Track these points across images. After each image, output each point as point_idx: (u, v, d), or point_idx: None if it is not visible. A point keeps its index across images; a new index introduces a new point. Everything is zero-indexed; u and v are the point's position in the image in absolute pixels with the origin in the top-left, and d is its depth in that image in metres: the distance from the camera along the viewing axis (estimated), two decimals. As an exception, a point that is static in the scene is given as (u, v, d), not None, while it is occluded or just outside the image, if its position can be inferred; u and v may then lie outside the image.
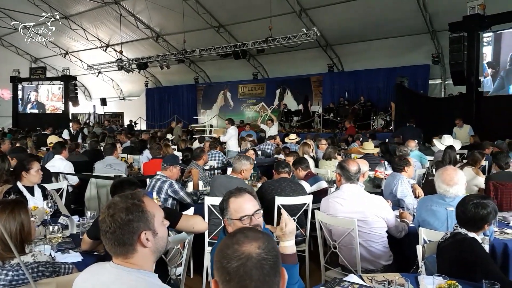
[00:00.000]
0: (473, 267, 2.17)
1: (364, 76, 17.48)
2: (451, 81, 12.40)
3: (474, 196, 2.42)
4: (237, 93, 21.89)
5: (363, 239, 3.03)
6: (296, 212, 3.90)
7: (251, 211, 2.05)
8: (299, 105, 19.32)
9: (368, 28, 14.99)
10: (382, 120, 15.55)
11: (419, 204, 3.24)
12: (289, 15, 15.29)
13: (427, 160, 6.97)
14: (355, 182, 3.20)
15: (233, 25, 17.49)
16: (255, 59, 19.97)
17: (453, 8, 11.57)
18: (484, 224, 2.32)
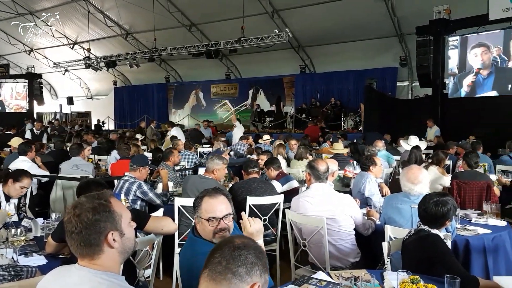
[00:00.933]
0: (435, 263, 2.27)
1: (335, 78, 17.80)
2: (418, 83, 12.81)
3: (434, 194, 2.53)
4: (209, 93, 21.77)
5: (331, 237, 3.10)
6: (267, 211, 3.94)
7: (221, 214, 2.04)
8: (271, 105, 19.40)
9: (339, 31, 15.26)
10: (352, 121, 15.86)
11: (385, 202, 3.35)
12: (261, 16, 15.37)
13: (394, 160, 7.18)
14: (324, 181, 3.27)
15: (205, 24, 17.42)
16: (227, 59, 19.94)
17: (420, 13, 11.93)
18: (445, 221, 2.42)
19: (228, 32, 15.42)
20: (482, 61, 10.83)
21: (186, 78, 22.59)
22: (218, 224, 2.03)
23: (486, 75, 10.79)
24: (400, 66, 15.84)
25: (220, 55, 17.85)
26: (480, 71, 10.89)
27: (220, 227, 2.03)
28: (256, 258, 1.30)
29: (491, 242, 3.13)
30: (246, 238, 1.40)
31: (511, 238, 3.29)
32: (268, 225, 3.93)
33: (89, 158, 7.38)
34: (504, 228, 3.33)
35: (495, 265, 3.12)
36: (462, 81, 11.26)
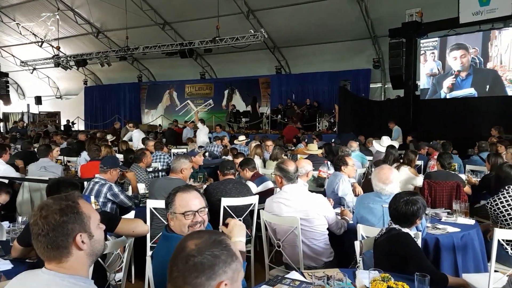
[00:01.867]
0: (406, 261, 2.34)
1: (310, 79, 18.02)
2: (390, 85, 13.11)
3: (404, 193, 2.61)
4: (183, 93, 21.61)
5: (305, 237, 3.14)
6: (242, 213, 3.95)
7: (196, 207, 2.09)
8: (247, 106, 19.45)
9: (314, 32, 15.46)
10: (327, 122, 16.08)
11: (357, 202, 3.42)
12: (237, 16, 15.40)
13: (367, 160, 7.33)
14: (296, 182, 3.31)
15: (179, 23, 17.29)
16: (202, 58, 19.87)
17: (393, 15, 12.24)
18: (415, 219, 2.50)
19: (203, 32, 15.36)
20: (461, 64, 11.15)
21: (160, 78, 22.37)
22: (193, 217, 2.07)
23: (464, 77, 11.13)
24: (373, 68, 16.19)
25: (195, 54, 17.76)
26: (460, 73, 11.20)
27: (196, 220, 2.08)
28: (213, 257, 1.24)
29: (460, 240, 3.24)
30: (200, 238, 1.30)
31: (479, 236, 3.42)
32: (243, 226, 3.93)
33: (58, 159, 7.21)
34: (472, 227, 3.46)
35: (464, 263, 3.23)
36: (442, 83, 11.56)
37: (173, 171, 4.12)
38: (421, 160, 6.77)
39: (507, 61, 10.48)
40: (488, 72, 10.69)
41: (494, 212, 3.53)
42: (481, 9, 10.13)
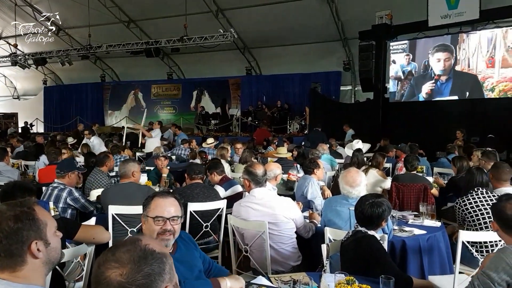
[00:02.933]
0: (371, 263, 2.41)
1: (281, 81, 18.22)
2: (360, 87, 13.42)
3: (369, 196, 2.69)
4: (150, 94, 21.38)
5: (273, 241, 3.18)
6: (210, 217, 3.95)
7: (169, 214, 2.10)
8: (217, 108, 19.44)
9: (285, 33, 15.63)
10: (298, 124, 16.28)
11: (325, 205, 3.50)
12: (205, 15, 15.37)
13: (337, 163, 7.48)
14: (264, 185, 3.35)
15: (145, 20, 17.09)
16: (169, 58, 19.71)
17: (363, 17, 12.49)
18: (381, 221, 2.59)
19: (170, 30, 15.26)
20: (443, 67, 11.45)
21: (124, 78, 22.05)
22: (164, 224, 2.08)
23: (444, 81, 11.45)
24: (343, 70, 16.53)
25: (161, 54, 17.64)
26: (440, 77, 11.51)
27: (165, 228, 2.08)
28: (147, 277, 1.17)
29: (426, 242, 3.35)
30: (121, 263, 1.18)
31: (445, 238, 3.55)
32: (210, 232, 3.94)
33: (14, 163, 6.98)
34: (438, 229, 3.59)
35: (430, 265, 3.35)
36: (421, 86, 11.83)
37: (125, 176, 4.06)
38: (389, 162, 6.98)
39: (474, 64, 10.92)
40: (468, 77, 11.01)
41: (462, 213, 3.66)
42: (450, 13, 10.48)
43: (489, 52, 10.64)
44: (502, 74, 10.45)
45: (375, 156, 5.78)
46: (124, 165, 4.11)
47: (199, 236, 3.84)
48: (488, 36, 10.67)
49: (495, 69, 10.55)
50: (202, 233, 3.87)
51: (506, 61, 10.37)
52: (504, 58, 10.39)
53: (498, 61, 10.51)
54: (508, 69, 10.35)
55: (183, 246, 2.29)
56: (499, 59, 10.48)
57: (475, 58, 10.90)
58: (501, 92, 10.44)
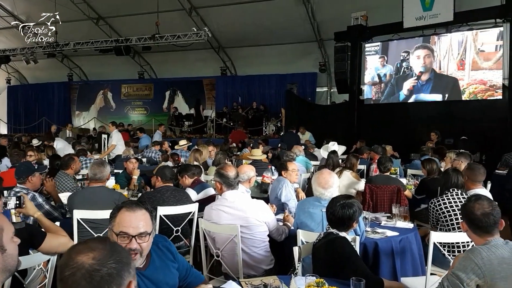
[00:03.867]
0: (343, 265, 2.46)
1: (256, 81, 18.28)
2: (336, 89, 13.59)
3: (340, 197, 2.75)
4: (119, 94, 21.10)
5: (245, 244, 3.20)
6: (181, 222, 3.93)
7: (135, 231, 1.91)
8: (190, 109, 19.34)
9: (261, 33, 15.69)
10: (274, 126, 16.37)
11: (297, 207, 3.55)
12: (178, 12, 15.29)
13: (311, 165, 7.57)
14: (236, 188, 3.36)
15: (114, 17, 16.84)
16: (141, 56, 19.50)
17: (339, 18, 12.65)
18: (352, 222, 2.65)
19: (141, 28, 15.09)
20: (424, 64, 11.58)
21: (92, 77, 21.65)
22: (128, 242, 1.90)
23: (425, 81, 11.62)
24: (319, 72, 16.71)
25: (132, 52, 17.44)
26: (422, 75, 11.65)
27: (130, 247, 1.89)
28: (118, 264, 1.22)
29: (399, 244, 3.43)
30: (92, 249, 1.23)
31: (417, 240, 3.65)
32: (181, 236, 3.92)
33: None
34: (411, 230, 3.68)
35: (402, 267, 3.43)
36: (402, 84, 11.94)
37: (100, 180, 3.98)
38: (363, 164, 7.12)
39: (445, 66, 11.20)
40: (448, 79, 11.22)
41: (436, 213, 3.75)
42: (424, 14, 10.69)
43: (459, 54, 10.92)
44: (472, 77, 10.71)
45: (348, 158, 5.89)
46: (100, 168, 3.97)
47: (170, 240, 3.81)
48: (459, 39, 10.93)
49: (466, 71, 10.82)
50: (173, 238, 3.84)
51: (476, 63, 10.63)
52: (474, 61, 10.66)
53: (468, 63, 10.77)
54: (478, 71, 10.62)
55: (157, 259, 2.13)
56: (470, 62, 10.74)
57: (446, 61, 11.17)
58: (471, 94, 10.72)
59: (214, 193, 4.89)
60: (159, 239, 2.21)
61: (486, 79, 10.50)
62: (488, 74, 10.46)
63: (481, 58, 10.57)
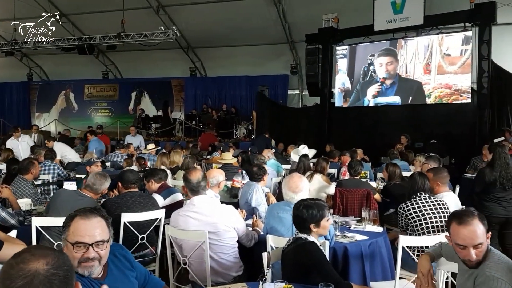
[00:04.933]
0: (311, 270, 2.50)
1: (227, 83, 18.31)
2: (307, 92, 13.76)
3: (303, 199, 2.81)
4: (82, 94, 20.76)
5: (213, 251, 3.20)
6: (146, 229, 3.89)
7: (92, 239, 1.88)
8: (158, 110, 19.19)
9: (231, 33, 15.70)
10: (245, 129, 16.40)
11: (267, 212, 3.58)
12: (145, 10, 15.13)
13: (282, 169, 7.64)
14: (203, 193, 3.36)
15: (77, 15, 16.51)
16: (105, 55, 19.19)
17: (310, 20, 12.82)
18: (309, 225, 2.68)
19: (106, 26, 14.84)
20: (387, 71, 11.91)
21: (54, 77, 21.18)
22: (86, 251, 1.87)
23: (389, 85, 11.93)
24: (291, 74, 16.88)
25: (96, 51, 17.14)
26: (385, 81, 11.98)
27: (87, 256, 1.87)
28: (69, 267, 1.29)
29: (368, 248, 3.51)
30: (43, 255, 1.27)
31: (386, 244, 3.73)
32: (147, 244, 3.88)
33: None
34: (380, 234, 3.76)
35: (372, 271, 3.51)
36: (366, 90, 12.25)
37: (93, 191, 3.93)
38: (334, 168, 7.25)
39: (412, 70, 11.50)
40: (412, 83, 11.55)
41: (406, 218, 3.84)
42: (395, 17, 10.97)
43: (426, 58, 11.25)
44: (438, 81, 11.04)
45: (319, 161, 5.98)
46: (101, 180, 3.94)
47: (134, 248, 3.76)
48: (425, 43, 11.25)
49: (431, 75, 11.16)
50: (138, 246, 3.80)
51: (441, 67, 10.96)
52: (440, 65, 10.99)
53: (434, 67, 11.10)
54: (443, 75, 10.95)
55: (115, 268, 2.11)
56: (435, 66, 11.08)
57: (413, 65, 11.48)
58: (437, 98, 11.06)
59: (182, 199, 4.87)
60: (115, 248, 2.18)
61: (451, 83, 10.85)
62: (453, 78, 10.80)
63: (447, 62, 10.91)
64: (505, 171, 4.75)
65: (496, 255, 2.22)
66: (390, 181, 5.54)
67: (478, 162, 7.75)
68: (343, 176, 6.64)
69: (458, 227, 2.22)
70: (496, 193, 4.78)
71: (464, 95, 10.65)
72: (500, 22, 10.22)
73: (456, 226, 2.23)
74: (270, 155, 7.67)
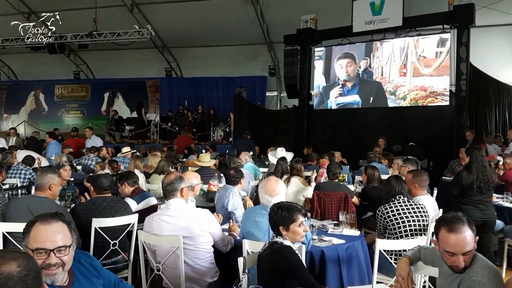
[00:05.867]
0: (288, 275, 2.51)
1: (204, 84, 18.28)
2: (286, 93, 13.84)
3: (279, 202, 2.85)
4: (53, 95, 20.43)
5: (188, 257, 3.18)
6: (118, 234, 3.85)
7: (53, 245, 1.86)
8: (132, 112, 19.01)
9: (208, 33, 15.69)
10: (222, 131, 16.39)
11: (244, 216, 3.59)
12: (118, 8, 14.99)
13: (260, 172, 7.66)
14: (176, 196, 3.35)
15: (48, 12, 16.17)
16: (77, 55, 18.97)
17: (288, 21, 12.89)
18: (278, 227, 2.71)
19: (77, 24, 14.61)
20: (347, 73, 12.10)
21: (23, 77, 20.84)
22: (47, 257, 1.84)
23: (350, 87, 12.13)
24: (269, 75, 16.96)
25: (67, 50, 16.85)
26: (346, 83, 12.17)
27: (49, 262, 1.84)
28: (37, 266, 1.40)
29: (345, 252, 3.54)
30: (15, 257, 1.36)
31: (363, 247, 3.77)
32: (119, 250, 3.84)
33: None
34: (357, 238, 3.81)
35: (349, 275, 3.54)
36: (329, 93, 12.47)
37: (40, 188, 3.82)
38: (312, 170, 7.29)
39: (387, 73, 11.68)
40: (372, 84, 11.79)
41: (384, 221, 3.90)
42: (374, 19, 11.11)
43: (401, 60, 11.44)
44: (413, 83, 11.24)
45: (293, 164, 6.03)
46: (41, 176, 3.80)
47: (106, 255, 3.72)
48: (401, 45, 11.43)
49: (407, 77, 11.34)
50: (110, 252, 3.76)
51: (417, 70, 11.16)
52: (415, 67, 11.17)
53: (409, 69, 11.29)
54: (419, 77, 11.14)
55: (81, 276, 2.09)
56: (411, 68, 11.27)
57: (388, 67, 11.65)
58: (412, 100, 11.24)
59: (156, 203, 4.84)
60: (80, 255, 2.16)
61: (426, 86, 11.04)
62: (429, 80, 10.99)
63: (422, 64, 11.10)
64: (482, 174, 4.81)
65: (481, 259, 2.26)
66: (368, 184, 5.63)
67: (456, 165, 7.92)
68: (319, 177, 6.72)
69: (448, 234, 2.23)
70: (473, 196, 4.84)
71: (440, 97, 10.84)
72: (478, 24, 10.40)
73: (445, 233, 2.24)
74: (248, 157, 7.68)
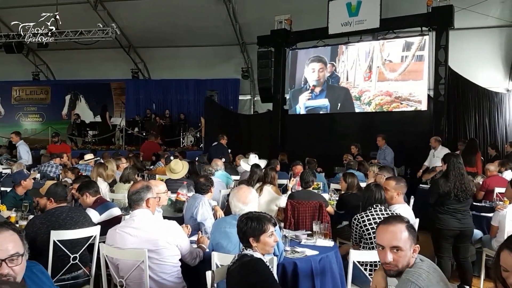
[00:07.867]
0: (258, 289, 2.55)
1: (173, 87, 18.26)
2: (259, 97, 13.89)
3: (247, 212, 2.89)
4: (10, 98, 20.08)
5: (153, 271, 3.17)
6: (79, 248, 3.80)
7: (5, 253, 1.88)
8: (95, 116, 18.82)
9: (177, 33, 15.62)
10: (193, 137, 16.33)
11: (213, 226, 3.60)
12: (81, 5, 14.85)
13: (232, 180, 7.66)
14: (142, 206, 3.33)
15: (4, 9, 15.87)
16: (36, 54, 18.63)
17: (262, 21, 12.95)
18: (248, 238, 2.75)
19: (37, 22, 14.33)
20: (318, 78, 12.23)
21: (-22, 78, 20.18)
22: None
23: (318, 92, 12.26)
24: (242, 78, 16.96)
25: (25, 49, 16.52)
26: (315, 88, 12.30)
27: (1, 272, 1.86)
28: None
29: (318, 263, 3.58)
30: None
31: (337, 259, 3.82)
32: (79, 264, 3.78)
33: None
34: (331, 249, 3.85)
35: (322, 287, 3.60)
36: (298, 97, 12.57)
37: None
38: (285, 178, 7.36)
39: (353, 77, 11.84)
40: (340, 90, 11.95)
41: (360, 230, 3.94)
42: (350, 20, 11.21)
43: (367, 64, 11.60)
44: (378, 88, 11.41)
45: (267, 171, 6.05)
46: None
47: (66, 269, 3.67)
48: (366, 49, 11.60)
49: (372, 82, 11.51)
50: (70, 266, 3.71)
51: (382, 74, 11.32)
52: (381, 72, 11.34)
53: (375, 74, 11.45)
54: (384, 82, 11.30)
55: (33, 285, 2.11)
56: (376, 73, 11.42)
57: (353, 71, 11.80)
58: (377, 106, 11.41)
59: (120, 214, 4.79)
60: (31, 264, 2.17)
61: (391, 91, 11.21)
62: (394, 85, 11.15)
63: (387, 69, 11.27)
64: (459, 182, 4.74)
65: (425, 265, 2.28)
66: (347, 191, 5.70)
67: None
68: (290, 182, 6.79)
69: (381, 226, 2.37)
70: (450, 204, 4.76)
71: (405, 102, 10.95)
72: (457, 26, 10.49)
73: (379, 226, 2.38)
74: (220, 164, 7.66)
